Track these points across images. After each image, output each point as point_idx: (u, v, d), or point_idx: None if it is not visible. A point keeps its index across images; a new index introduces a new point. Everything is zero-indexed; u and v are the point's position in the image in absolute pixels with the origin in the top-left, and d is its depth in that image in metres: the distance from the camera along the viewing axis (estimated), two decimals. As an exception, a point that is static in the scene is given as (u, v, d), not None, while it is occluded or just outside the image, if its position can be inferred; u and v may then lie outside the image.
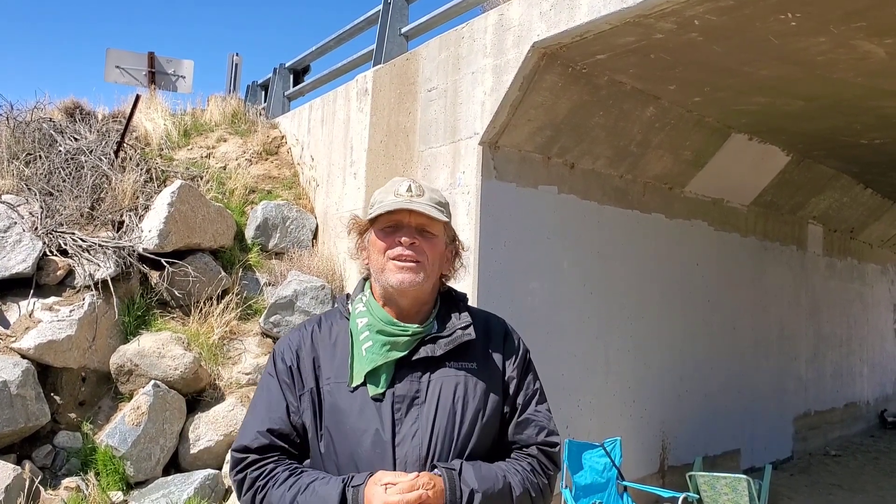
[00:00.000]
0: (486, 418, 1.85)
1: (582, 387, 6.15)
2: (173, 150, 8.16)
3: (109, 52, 9.74)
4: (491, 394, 1.88)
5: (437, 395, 1.81)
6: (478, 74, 5.54)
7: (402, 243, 1.83)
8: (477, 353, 1.91)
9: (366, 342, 1.84)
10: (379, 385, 1.81)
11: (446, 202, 1.94)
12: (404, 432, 1.78)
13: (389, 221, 1.87)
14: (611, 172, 6.54)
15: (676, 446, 7.21)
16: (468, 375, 1.86)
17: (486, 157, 5.48)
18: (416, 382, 1.82)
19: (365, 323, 1.87)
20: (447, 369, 1.85)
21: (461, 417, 1.81)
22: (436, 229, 1.89)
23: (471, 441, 1.81)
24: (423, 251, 1.85)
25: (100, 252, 5.99)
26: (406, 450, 1.76)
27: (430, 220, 1.86)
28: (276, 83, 9.87)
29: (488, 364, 1.92)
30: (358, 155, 7.09)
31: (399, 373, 1.83)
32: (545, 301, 5.88)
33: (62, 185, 6.64)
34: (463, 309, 1.95)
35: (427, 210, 1.84)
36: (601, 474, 5.61)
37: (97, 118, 8.05)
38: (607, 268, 6.50)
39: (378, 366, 1.81)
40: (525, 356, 2.02)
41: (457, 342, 1.85)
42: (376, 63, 7.07)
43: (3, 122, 7.33)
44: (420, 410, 1.80)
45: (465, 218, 5.50)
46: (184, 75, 10.00)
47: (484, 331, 1.96)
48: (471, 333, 1.88)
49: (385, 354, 1.82)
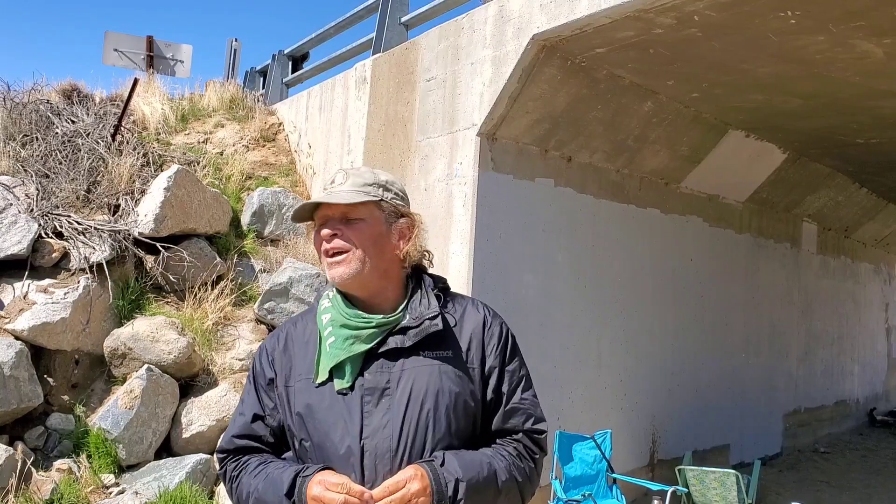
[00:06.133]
0: (461, 408, 1.80)
1: (574, 379, 6.18)
2: (170, 135, 8.15)
3: (108, 34, 9.70)
4: (468, 382, 1.83)
5: (409, 385, 1.77)
6: (477, 65, 5.54)
7: (324, 237, 1.82)
8: (452, 341, 1.86)
9: (329, 337, 1.81)
10: (344, 378, 1.78)
11: (382, 180, 1.87)
12: (374, 424, 1.75)
13: (319, 218, 1.86)
14: (608, 166, 6.55)
15: (666, 440, 7.25)
16: (442, 364, 1.81)
17: (483, 149, 5.49)
18: (387, 374, 1.78)
19: (329, 319, 1.84)
20: (420, 358, 1.80)
21: (434, 408, 1.77)
22: (359, 213, 1.82)
23: (445, 432, 1.77)
24: (347, 238, 1.80)
25: (95, 235, 5.99)
26: (376, 441, 1.74)
27: (348, 206, 1.81)
28: (275, 70, 9.85)
29: (465, 352, 1.86)
30: (355, 143, 7.09)
31: (368, 364, 1.79)
32: (539, 293, 5.90)
33: (58, 168, 6.63)
34: (432, 296, 1.88)
35: (340, 199, 1.80)
36: (591, 466, 5.65)
37: (95, 101, 8.02)
38: (602, 262, 6.52)
39: (342, 360, 1.79)
40: (507, 342, 1.93)
41: (423, 333, 1.80)
42: (375, 52, 7.06)
43: (0, 104, 7.31)
44: (391, 401, 1.76)
45: (462, 209, 5.51)
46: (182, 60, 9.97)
47: (462, 318, 1.91)
48: (438, 324, 1.81)
49: (348, 349, 1.79)
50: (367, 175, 1.86)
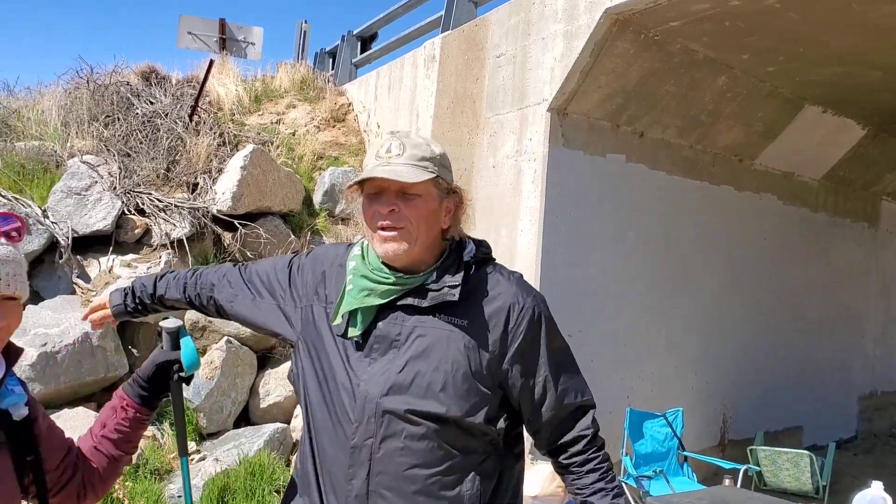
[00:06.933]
0: (460, 377, 1.75)
1: (643, 358, 6.15)
2: (245, 116, 8.34)
3: (182, 18, 9.91)
4: (477, 354, 1.78)
5: (417, 342, 1.77)
6: (548, 40, 5.52)
7: (381, 212, 1.77)
8: (472, 310, 1.81)
9: (348, 285, 1.84)
10: (356, 327, 1.80)
11: (437, 154, 1.81)
12: (374, 370, 1.76)
13: (371, 188, 1.80)
14: (680, 142, 6.46)
15: (737, 420, 7.17)
16: (455, 331, 1.77)
17: (554, 124, 5.48)
18: (399, 327, 1.79)
19: (353, 266, 1.86)
20: (435, 320, 1.79)
21: (434, 369, 1.74)
22: (417, 189, 1.76)
23: (439, 393, 1.73)
24: (404, 216, 1.75)
25: (175, 212, 6.20)
26: (369, 386, 1.75)
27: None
28: (344, 51, 9.95)
29: (482, 326, 1.80)
30: (423, 122, 7.15)
31: (384, 315, 1.80)
32: (608, 271, 5.88)
33: (139, 147, 6.86)
34: (461, 266, 1.83)
35: (395, 176, 1.73)
36: (662, 444, 5.64)
37: (171, 82, 8.25)
38: (673, 239, 6.46)
39: (354, 309, 1.81)
40: (538, 324, 1.85)
41: (439, 300, 1.78)
42: (444, 29, 7.08)
43: (84, 85, 7.59)
44: (396, 354, 1.77)
45: (531, 185, 5.52)
46: (253, 42, 10.13)
47: (493, 291, 1.84)
48: (454, 295, 1.77)
49: (361, 300, 1.80)
50: (423, 148, 1.80)
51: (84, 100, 7.33)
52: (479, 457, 1.80)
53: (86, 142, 6.85)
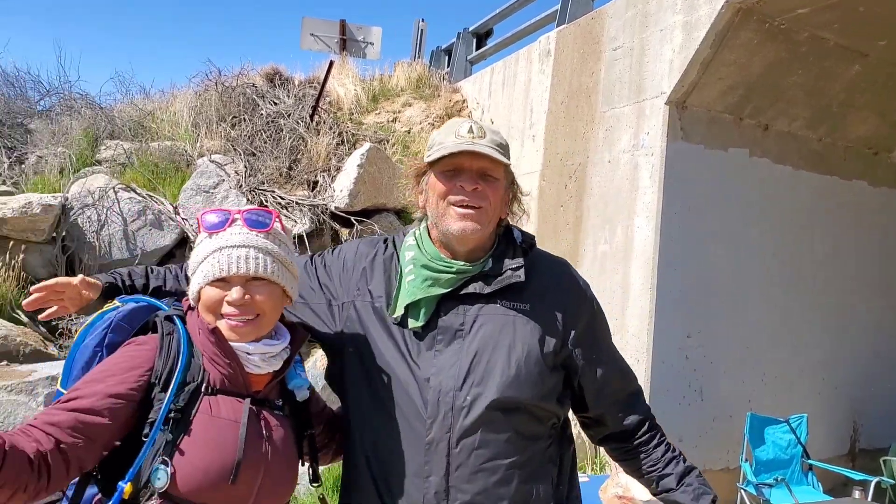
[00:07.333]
0: (532, 361, 1.75)
1: (767, 360, 5.90)
2: (362, 115, 8.55)
3: (305, 20, 10.26)
4: (542, 337, 1.78)
5: (482, 330, 1.75)
6: (666, 32, 5.38)
7: (464, 188, 1.74)
8: (532, 294, 1.81)
9: (409, 275, 1.79)
10: (418, 319, 1.76)
11: (507, 144, 1.83)
12: (442, 362, 1.73)
13: (450, 165, 1.76)
14: (808, 135, 6.15)
15: (870, 428, 6.75)
16: (519, 316, 1.78)
17: (672, 118, 5.33)
18: (462, 316, 1.76)
19: (411, 257, 1.82)
20: (497, 306, 1.77)
21: (505, 356, 1.73)
22: (498, 173, 1.78)
23: (513, 380, 1.72)
24: (485, 196, 1.75)
25: (297, 209, 6.44)
26: (441, 378, 1.72)
27: (492, 163, 1.75)
28: (459, 48, 10.03)
29: (544, 308, 1.81)
30: (537, 117, 7.11)
31: (445, 305, 1.77)
32: (729, 268, 5.67)
33: (263, 147, 7.16)
34: (519, 251, 1.84)
35: (490, 152, 1.72)
36: (784, 451, 5.40)
37: (294, 84, 8.57)
38: (800, 237, 6.15)
39: (417, 299, 1.77)
40: (592, 306, 1.92)
41: (505, 282, 1.77)
42: (559, 24, 7.02)
43: (213, 88, 7.99)
44: (462, 344, 1.74)
45: (648, 181, 5.39)
46: (372, 42, 10.37)
47: (545, 275, 1.87)
48: (520, 275, 1.78)
49: (426, 290, 1.76)
50: (499, 135, 1.81)
51: (213, 101, 7.72)
52: (545, 442, 1.82)
53: (214, 142, 7.21)
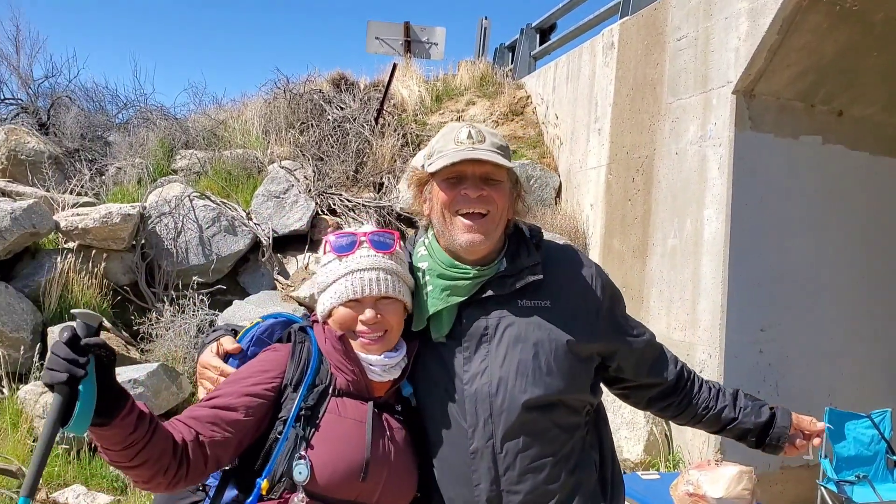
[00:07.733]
0: (561, 354, 1.74)
1: (845, 353, 5.68)
2: (426, 115, 8.61)
3: (370, 24, 10.37)
4: (571, 330, 1.76)
5: (507, 332, 1.73)
6: (731, 19, 5.24)
7: (469, 195, 1.72)
8: (550, 289, 1.79)
9: (426, 287, 1.77)
10: (441, 329, 1.75)
11: (507, 145, 1.81)
12: (473, 370, 1.72)
13: (452, 173, 1.74)
14: (886, 120, 5.89)
15: (962, 424, 6.43)
16: (540, 312, 1.76)
17: (740, 107, 5.19)
18: (484, 320, 1.75)
19: (426, 267, 1.80)
20: (518, 307, 1.76)
21: (533, 355, 1.72)
22: (500, 175, 1.76)
23: (545, 376, 1.72)
24: (491, 200, 1.74)
25: (363, 211, 6.54)
26: (476, 387, 1.70)
27: (495, 167, 1.73)
28: (523, 44, 9.99)
29: (565, 301, 1.80)
30: (602, 110, 7.02)
31: (466, 312, 1.75)
32: (805, 261, 5.48)
33: (330, 151, 7.30)
34: (532, 247, 1.83)
35: (492, 157, 1.71)
36: (867, 447, 5.19)
37: (360, 88, 8.70)
38: (880, 226, 5.90)
39: (439, 310, 1.75)
40: (607, 285, 1.90)
41: (523, 282, 1.76)
42: (623, 15, 6.93)
43: (281, 95, 8.18)
44: (489, 348, 1.73)
45: (717, 172, 5.27)
46: (436, 42, 10.41)
47: (559, 267, 1.84)
48: (538, 273, 1.77)
49: (445, 299, 1.74)
50: (498, 137, 1.80)
51: (281, 108, 7.90)
52: (583, 430, 1.82)
53: (283, 148, 7.38)
